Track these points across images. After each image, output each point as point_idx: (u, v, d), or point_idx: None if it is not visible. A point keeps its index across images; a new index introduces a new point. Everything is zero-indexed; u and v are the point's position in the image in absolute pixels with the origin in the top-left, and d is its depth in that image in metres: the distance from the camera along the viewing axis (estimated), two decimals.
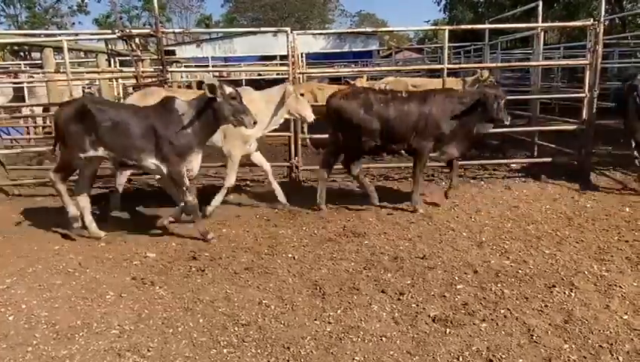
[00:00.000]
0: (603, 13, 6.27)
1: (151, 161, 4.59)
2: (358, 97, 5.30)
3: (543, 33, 7.80)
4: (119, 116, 4.54)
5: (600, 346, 2.84)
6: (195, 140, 4.58)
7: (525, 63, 10.46)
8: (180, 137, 4.50)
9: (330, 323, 3.19)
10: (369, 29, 24.93)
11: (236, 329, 3.15)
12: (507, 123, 5.14)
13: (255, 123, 4.59)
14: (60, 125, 4.63)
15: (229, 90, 4.46)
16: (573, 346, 2.85)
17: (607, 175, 6.63)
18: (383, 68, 17.38)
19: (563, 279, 3.67)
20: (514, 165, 7.23)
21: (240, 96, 4.52)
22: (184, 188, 4.63)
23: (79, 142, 4.55)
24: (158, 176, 5.46)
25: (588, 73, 6.40)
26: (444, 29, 7.18)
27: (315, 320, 3.23)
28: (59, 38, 7.72)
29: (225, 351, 2.94)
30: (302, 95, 5.59)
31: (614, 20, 20.27)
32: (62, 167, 4.85)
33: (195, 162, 4.70)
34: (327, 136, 5.90)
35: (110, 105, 4.84)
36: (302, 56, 13.90)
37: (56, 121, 4.74)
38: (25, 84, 10.98)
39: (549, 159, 6.92)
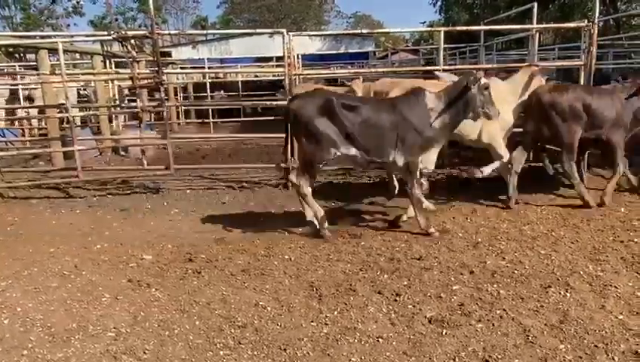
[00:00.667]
0: (597, 14, 6.32)
1: (392, 156, 4.54)
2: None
3: (537, 34, 7.84)
4: (367, 111, 4.47)
5: (595, 346, 2.85)
6: (442, 133, 4.58)
7: (521, 64, 10.48)
8: (429, 130, 4.48)
9: (326, 324, 3.19)
10: (365, 31, 24.96)
11: (232, 331, 3.15)
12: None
13: (499, 114, 4.60)
14: (303, 122, 4.47)
15: (483, 80, 4.44)
16: (569, 346, 2.86)
17: (602, 175, 6.65)
18: (379, 69, 17.41)
19: (558, 279, 3.69)
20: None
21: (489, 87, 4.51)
22: (415, 180, 4.62)
23: (328, 139, 4.45)
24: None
25: (582, 74, 6.43)
26: (440, 31, 7.21)
27: (312, 321, 3.23)
28: (54, 39, 7.71)
29: (221, 353, 2.93)
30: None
31: (609, 21, 20.38)
32: (306, 168, 4.67)
33: (432, 155, 4.76)
34: None
35: (355, 100, 4.75)
36: (298, 58, 13.93)
37: (298, 117, 4.53)
38: (20, 87, 10.95)
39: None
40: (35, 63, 8.95)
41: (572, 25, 7.65)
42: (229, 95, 15.18)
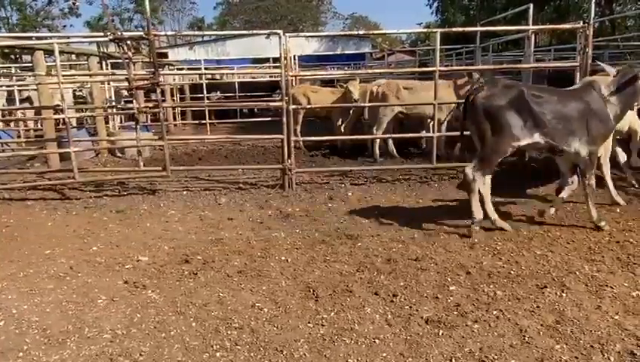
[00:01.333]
0: (593, 15, 6.35)
1: (574, 146, 4.60)
2: None
3: (533, 35, 7.87)
4: (557, 101, 4.56)
5: (591, 346, 2.86)
6: (614, 122, 4.72)
7: (516, 65, 10.52)
8: (608, 120, 4.60)
9: (323, 325, 3.18)
10: (361, 32, 25.00)
11: (229, 332, 3.14)
12: None
13: None
14: (493, 113, 4.47)
15: None
16: (565, 346, 2.87)
17: (598, 175, 6.67)
18: (376, 70, 17.44)
19: (554, 280, 3.70)
20: (504, 166, 7.26)
21: None
22: (591, 171, 4.71)
23: (517, 130, 4.47)
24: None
25: (578, 75, 6.45)
26: (436, 32, 7.22)
27: (309, 322, 3.23)
28: (50, 40, 7.68)
29: (218, 354, 2.93)
30: None
31: (604, 23, 20.46)
32: (487, 161, 4.61)
33: (609, 144, 5.01)
34: (319, 138, 5.91)
35: (543, 90, 4.79)
36: (294, 59, 13.94)
37: (487, 109, 4.49)
38: (15, 88, 10.92)
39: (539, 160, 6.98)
40: (30, 64, 8.93)
41: (567, 26, 7.68)
42: (225, 96, 15.15)
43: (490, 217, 4.75)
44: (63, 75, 7.13)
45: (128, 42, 6.46)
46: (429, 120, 8.09)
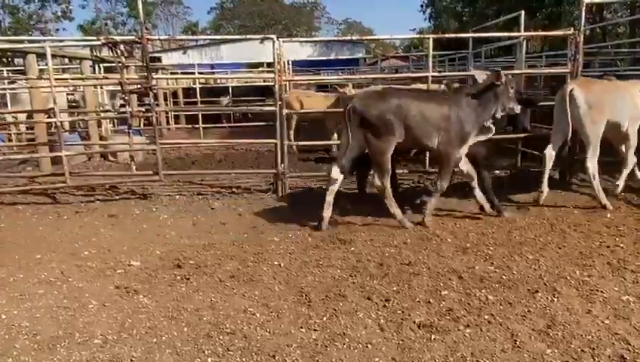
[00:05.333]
0: (583, 22, 6.40)
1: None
2: None
3: (525, 42, 7.94)
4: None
5: (582, 351, 2.87)
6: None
7: (508, 71, 10.60)
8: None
9: (315, 330, 3.18)
10: (355, 37, 25.11)
11: (221, 337, 3.13)
12: None
13: None
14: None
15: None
16: (556, 351, 2.88)
17: (589, 181, 6.72)
18: (369, 75, 17.50)
19: (546, 284, 3.72)
20: (497, 171, 7.31)
21: None
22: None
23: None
24: None
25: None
26: (429, 38, 7.27)
27: (301, 327, 3.22)
28: (42, 44, 7.65)
29: (209, 360, 2.91)
30: None
31: (595, 30, 20.67)
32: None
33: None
34: (313, 142, 5.93)
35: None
36: (288, 64, 13.97)
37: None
38: (7, 91, 10.85)
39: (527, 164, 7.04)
40: (23, 68, 8.88)
41: (559, 33, 7.76)
42: (234, 100, 15.11)
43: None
44: (56, 79, 7.10)
45: (121, 46, 6.45)
46: None
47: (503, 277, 3.88)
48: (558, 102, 5.67)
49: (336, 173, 5.10)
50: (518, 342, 2.96)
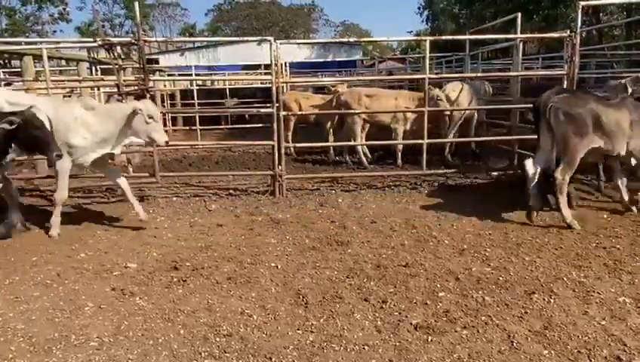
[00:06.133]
0: (579, 24, 6.42)
1: None
2: None
3: (522, 44, 7.96)
4: None
5: (579, 352, 2.88)
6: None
7: (505, 73, 10.64)
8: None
9: (312, 332, 3.18)
10: (352, 39, 25.17)
11: (218, 339, 3.12)
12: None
13: None
14: None
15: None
16: (553, 352, 2.89)
17: (585, 183, 6.75)
18: (366, 77, 17.52)
19: (542, 285, 3.72)
20: (494, 173, 7.33)
21: None
22: None
23: None
24: None
25: (565, 83, 6.53)
26: (426, 40, 7.29)
27: (298, 329, 3.22)
28: (39, 46, 7.63)
29: (206, 361, 2.91)
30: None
31: (591, 32, 20.77)
32: None
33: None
34: (310, 144, 5.92)
35: None
36: (286, 66, 13.98)
37: None
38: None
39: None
40: (20, 70, 8.86)
41: (555, 35, 7.78)
42: (242, 101, 15.10)
43: None
44: (52, 81, 7.08)
45: (118, 48, 6.44)
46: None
47: (500, 278, 3.88)
48: None
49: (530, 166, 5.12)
50: (514, 344, 2.97)
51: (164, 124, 14.12)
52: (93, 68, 10.84)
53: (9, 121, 4.44)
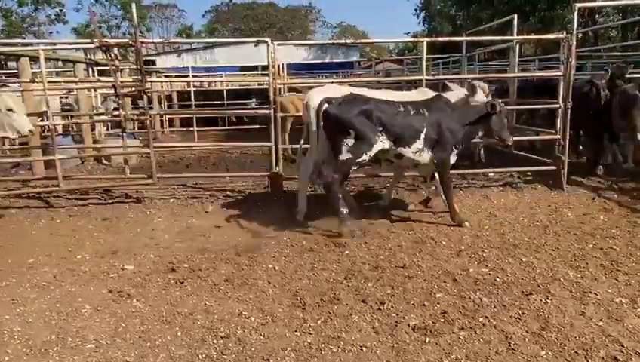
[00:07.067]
0: (576, 26, 6.45)
1: None
2: None
3: (518, 45, 7.98)
4: None
5: (576, 352, 2.89)
6: None
7: (502, 75, 10.68)
8: None
9: (310, 333, 3.17)
10: (350, 41, 25.20)
11: (215, 341, 3.12)
12: None
13: None
14: None
15: None
16: (550, 353, 2.89)
17: (583, 183, 6.78)
18: (364, 79, 17.54)
19: (539, 286, 3.73)
20: (492, 174, 7.34)
21: None
22: None
23: None
24: None
25: (562, 85, 6.55)
26: (423, 41, 7.30)
27: (296, 331, 3.22)
28: (36, 47, 7.61)
29: None
30: None
31: (587, 33, 20.85)
32: None
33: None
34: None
35: None
36: (283, 67, 13.97)
37: None
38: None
39: (526, 168, 7.08)
40: (16, 71, 8.83)
41: (551, 36, 7.80)
42: (260, 102, 15.06)
43: None
44: (49, 82, 7.06)
45: (115, 49, 6.43)
46: None
47: (497, 279, 3.89)
48: None
49: None
50: (512, 344, 2.97)
51: (161, 126, 14.18)
52: (90, 69, 10.80)
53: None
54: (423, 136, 5.00)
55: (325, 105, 4.87)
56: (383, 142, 4.93)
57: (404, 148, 5.02)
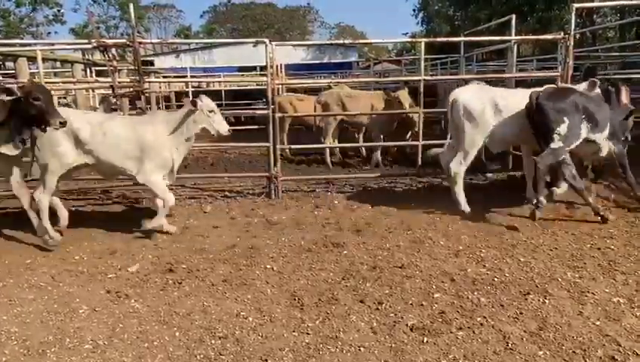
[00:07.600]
0: (573, 26, 6.46)
1: None
2: None
3: (516, 46, 8.00)
4: None
5: (574, 352, 2.89)
6: None
7: (500, 75, 10.67)
8: None
9: (308, 334, 3.17)
10: (348, 41, 25.29)
11: (213, 342, 3.11)
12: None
13: None
14: None
15: None
16: (548, 352, 2.89)
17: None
18: (362, 79, 17.56)
19: (537, 286, 3.74)
20: (489, 174, 7.35)
21: None
22: None
23: None
24: None
25: (559, 84, 6.55)
26: (421, 42, 7.31)
27: (294, 331, 3.22)
28: (33, 47, 7.60)
29: None
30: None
31: (585, 34, 20.90)
32: None
33: None
34: (306, 146, 5.93)
35: None
36: (281, 67, 13.99)
37: None
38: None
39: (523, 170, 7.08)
40: (14, 72, 8.81)
41: (549, 37, 7.81)
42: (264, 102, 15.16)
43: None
44: (47, 82, 7.04)
45: (113, 50, 6.42)
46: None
47: (495, 279, 3.89)
48: None
49: None
50: (510, 344, 2.97)
51: None
52: (88, 70, 10.80)
53: None
54: (608, 125, 5.26)
55: (539, 98, 5.10)
56: (586, 131, 5.16)
57: (596, 134, 5.25)
